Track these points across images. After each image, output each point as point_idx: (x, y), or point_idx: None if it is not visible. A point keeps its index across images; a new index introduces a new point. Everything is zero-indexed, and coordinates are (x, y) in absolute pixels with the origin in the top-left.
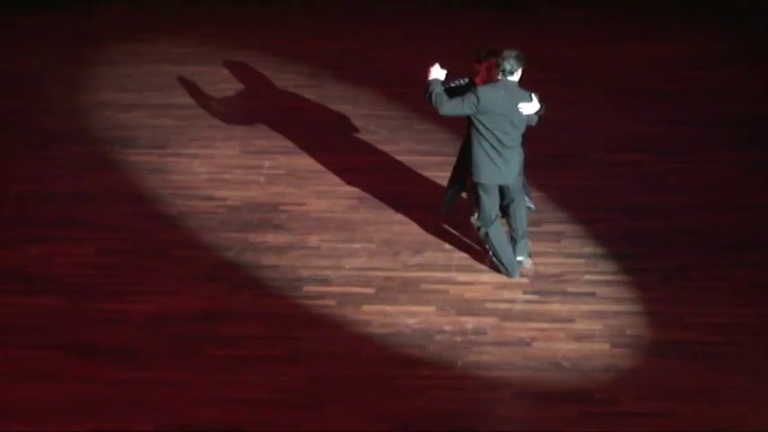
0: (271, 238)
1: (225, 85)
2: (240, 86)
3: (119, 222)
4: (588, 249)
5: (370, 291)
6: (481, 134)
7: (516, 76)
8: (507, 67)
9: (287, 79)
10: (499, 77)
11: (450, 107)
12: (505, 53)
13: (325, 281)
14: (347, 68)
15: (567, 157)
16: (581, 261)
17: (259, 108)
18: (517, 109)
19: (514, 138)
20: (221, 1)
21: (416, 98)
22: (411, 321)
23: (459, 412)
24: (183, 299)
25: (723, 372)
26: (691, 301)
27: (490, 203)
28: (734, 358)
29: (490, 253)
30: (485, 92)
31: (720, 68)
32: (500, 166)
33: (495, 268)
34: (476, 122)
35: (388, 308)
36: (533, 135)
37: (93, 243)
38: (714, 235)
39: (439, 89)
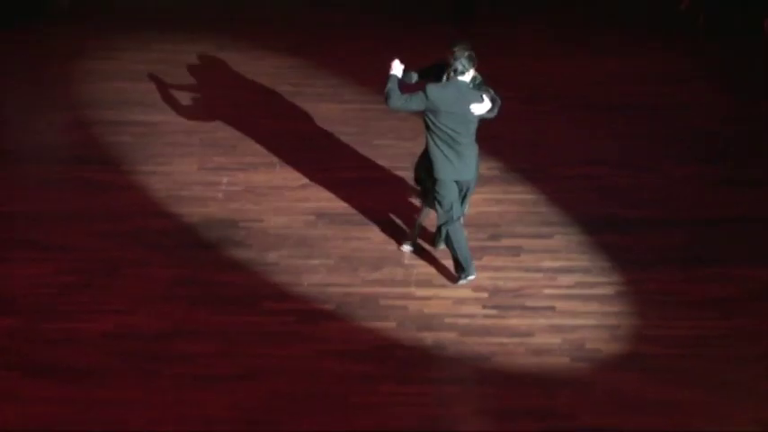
0: (229, 254)
1: (181, 102)
2: (196, 104)
3: (76, 242)
4: (547, 263)
5: (330, 307)
6: (434, 132)
7: (467, 77)
8: (459, 67)
9: (243, 97)
10: (450, 76)
11: (398, 102)
12: (457, 53)
13: (284, 297)
14: (304, 85)
15: (525, 172)
16: (540, 275)
17: (216, 125)
18: (468, 108)
19: (467, 135)
20: (176, 20)
21: (374, 114)
22: (371, 337)
23: (420, 428)
24: (140, 317)
25: (681, 385)
26: (648, 314)
27: (450, 199)
28: (691, 371)
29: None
30: (433, 91)
31: (676, 84)
32: (455, 163)
33: (459, 275)
34: (428, 121)
35: (347, 324)
36: (491, 151)
37: (50, 263)
38: (670, 249)
39: (392, 85)
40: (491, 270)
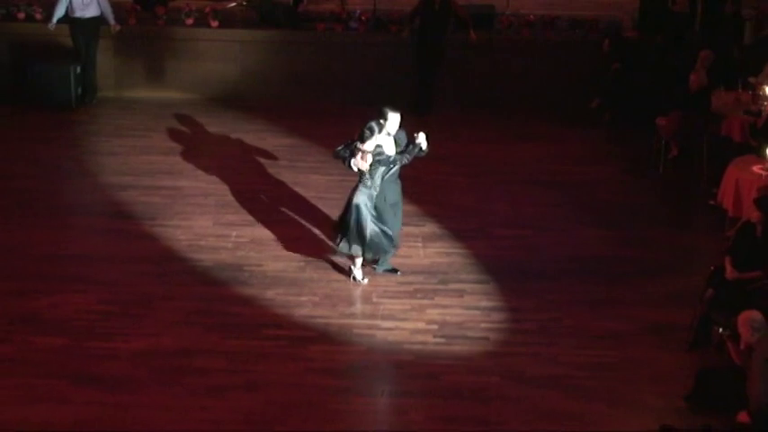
0: (236, 291)
1: (201, 172)
2: (212, 173)
3: (115, 278)
4: (484, 303)
5: (314, 334)
6: None
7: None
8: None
9: (250, 168)
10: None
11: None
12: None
13: (279, 326)
14: (299, 160)
15: (469, 231)
16: (478, 312)
17: (228, 190)
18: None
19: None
20: (196, 107)
21: (352, 185)
22: (346, 358)
23: (382, 430)
24: (165, 339)
25: (588, 400)
26: (563, 344)
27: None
28: (596, 390)
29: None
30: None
31: (587, 165)
32: None
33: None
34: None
35: (328, 347)
36: (442, 214)
37: (94, 294)
38: (581, 293)
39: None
40: (440, 307)
